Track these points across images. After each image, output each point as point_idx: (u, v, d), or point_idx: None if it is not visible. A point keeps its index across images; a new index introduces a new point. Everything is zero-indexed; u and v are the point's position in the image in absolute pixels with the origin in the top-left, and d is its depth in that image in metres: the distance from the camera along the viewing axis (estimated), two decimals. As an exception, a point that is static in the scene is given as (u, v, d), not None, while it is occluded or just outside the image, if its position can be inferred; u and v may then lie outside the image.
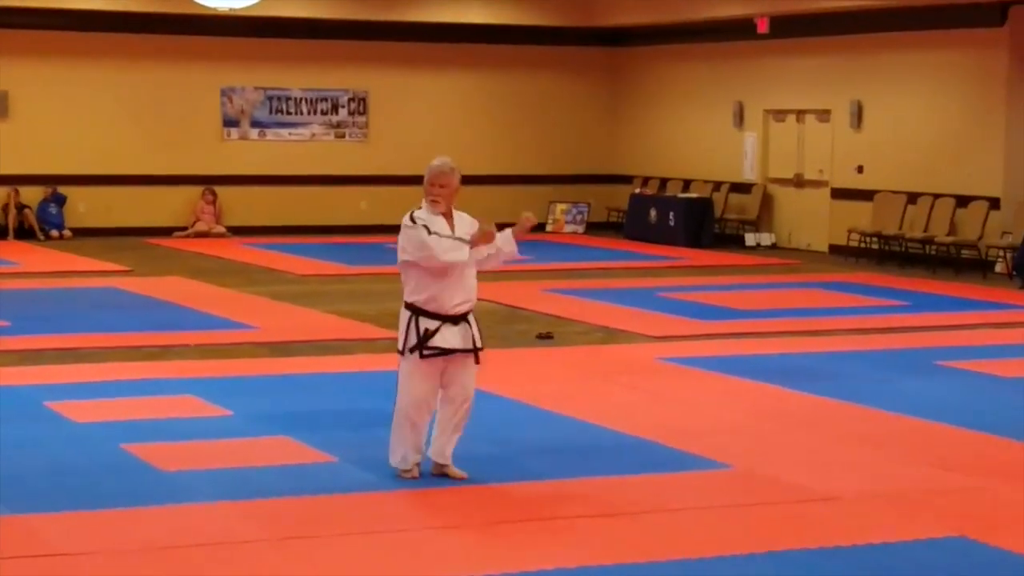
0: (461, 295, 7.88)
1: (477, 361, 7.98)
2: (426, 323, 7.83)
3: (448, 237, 7.81)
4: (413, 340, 7.84)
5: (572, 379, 11.28)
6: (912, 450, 8.97)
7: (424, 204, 7.92)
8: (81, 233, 22.81)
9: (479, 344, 7.96)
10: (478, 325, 8.01)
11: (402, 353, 7.94)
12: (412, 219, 7.86)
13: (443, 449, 8.03)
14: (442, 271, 7.82)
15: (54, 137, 22.86)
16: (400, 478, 7.95)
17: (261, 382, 11.06)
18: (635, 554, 6.82)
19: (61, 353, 12.13)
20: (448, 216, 7.91)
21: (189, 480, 7.98)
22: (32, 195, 22.75)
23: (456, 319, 7.88)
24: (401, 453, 7.98)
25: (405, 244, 7.89)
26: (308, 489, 7.78)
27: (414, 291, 7.89)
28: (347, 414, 9.77)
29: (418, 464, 8.00)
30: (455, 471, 8.02)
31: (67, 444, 8.86)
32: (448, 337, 7.84)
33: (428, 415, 7.98)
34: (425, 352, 7.82)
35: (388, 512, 7.43)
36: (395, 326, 8.20)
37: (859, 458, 8.73)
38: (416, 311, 7.86)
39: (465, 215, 8.01)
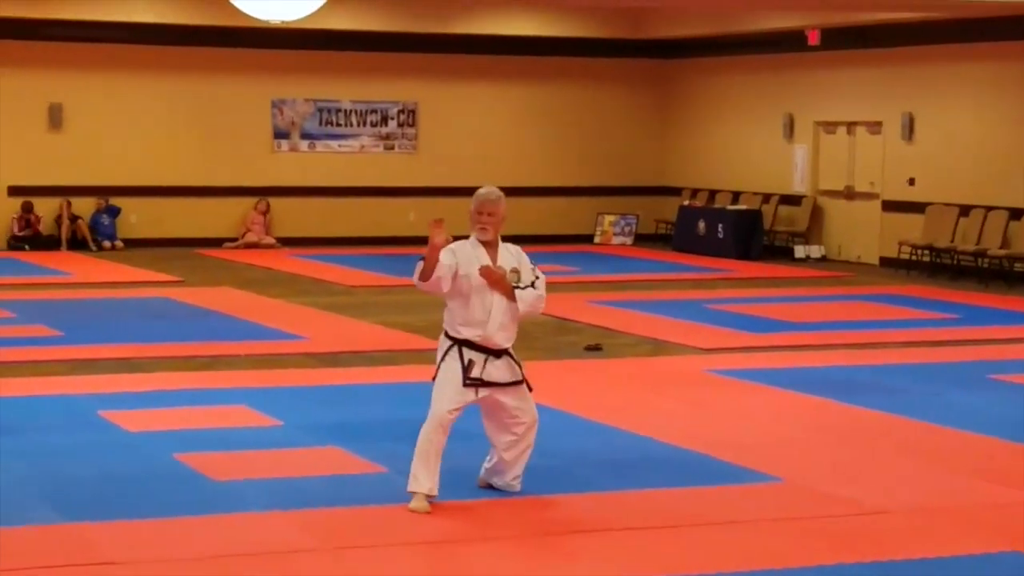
0: (500, 321, 7.76)
1: (530, 388, 7.91)
2: (469, 354, 7.76)
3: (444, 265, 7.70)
4: (457, 366, 7.74)
5: (621, 391, 11.27)
6: (964, 464, 8.92)
7: (472, 234, 7.85)
8: (133, 244, 22.98)
9: (522, 376, 7.84)
10: (517, 358, 7.88)
11: (434, 379, 7.85)
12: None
13: (514, 482, 7.96)
14: (469, 303, 7.73)
15: (107, 149, 23.05)
16: (413, 510, 7.58)
17: (311, 392, 11.10)
18: (685, 567, 6.81)
19: (114, 363, 12.22)
20: (493, 246, 7.83)
21: (240, 489, 8.02)
22: (85, 206, 22.93)
23: (498, 353, 7.83)
24: (427, 480, 7.63)
25: None
26: (359, 499, 7.80)
27: (457, 323, 7.81)
28: (396, 424, 9.78)
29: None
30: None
31: (120, 453, 8.92)
32: (491, 371, 7.77)
33: (443, 439, 7.76)
34: (468, 382, 7.73)
35: (439, 523, 7.44)
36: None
37: (911, 472, 8.68)
38: (457, 342, 7.80)
39: (512, 246, 7.91)
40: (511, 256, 7.87)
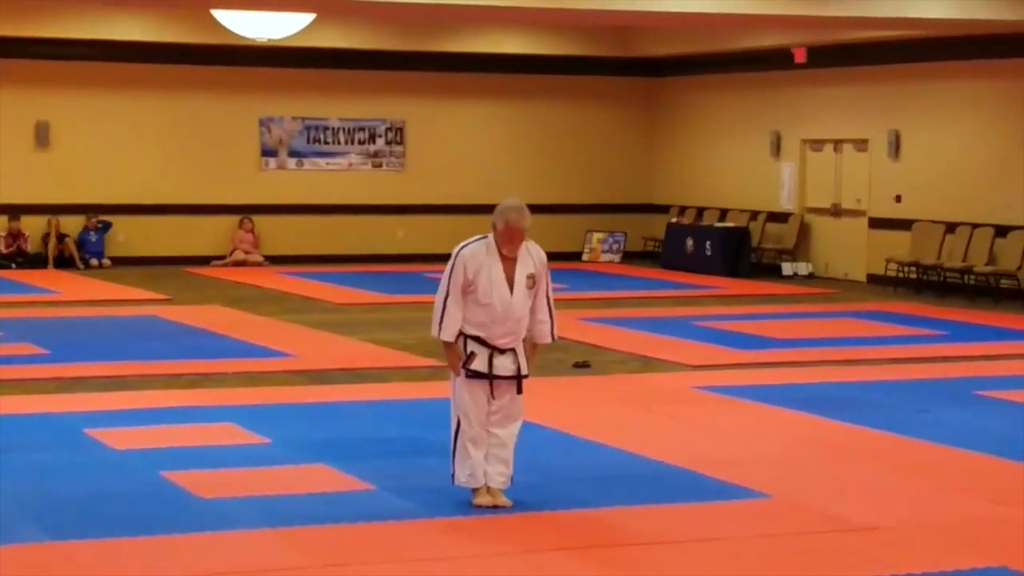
0: (506, 328, 7.87)
1: (519, 390, 7.97)
2: (472, 347, 7.87)
3: (453, 307, 7.78)
4: (462, 359, 7.88)
5: (609, 408, 11.27)
6: (951, 480, 8.93)
7: (491, 238, 7.84)
8: (120, 262, 22.96)
9: (524, 371, 7.95)
10: (526, 355, 8.00)
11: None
12: (456, 254, 7.85)
13: (490, 478, 8.03)
14: (486, 305, 7.82)
15: (94, 167, 23.04)
16: (474, 504, 7.90)
17: (299, 410, 11.09)
18: (674, 583, 6.82)
19: (101, 381, 12.20)
20: (511, 259, 7.83)
21: (228, 507, 8.01)
22: (72, 224, 22.90)
23: (503, 350, 7.89)
24: (468, 471, 7.94)
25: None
26: (347, 517, 7.79)
27: (465, 320, 7.87)
28: (385, 442, 9.79)
29: (482, 486, 7.96)
30: (501, 499, 8.02)
31: (107, 471, 8.90)
32: (496, 364, 7.86)
33: (483, 432, 7.95)
34: (468, 373, 7.87)
35: (427, 540, 7.43)
36: (432, 355, 8.27)
37: (898, 488, 8.69)
38: (466, 336, 7.90)
39: (533, 248, 7.92)
40: (531, 261, 7.90)
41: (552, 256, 8.36)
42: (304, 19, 19.88)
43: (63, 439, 9.83)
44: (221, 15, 19.31)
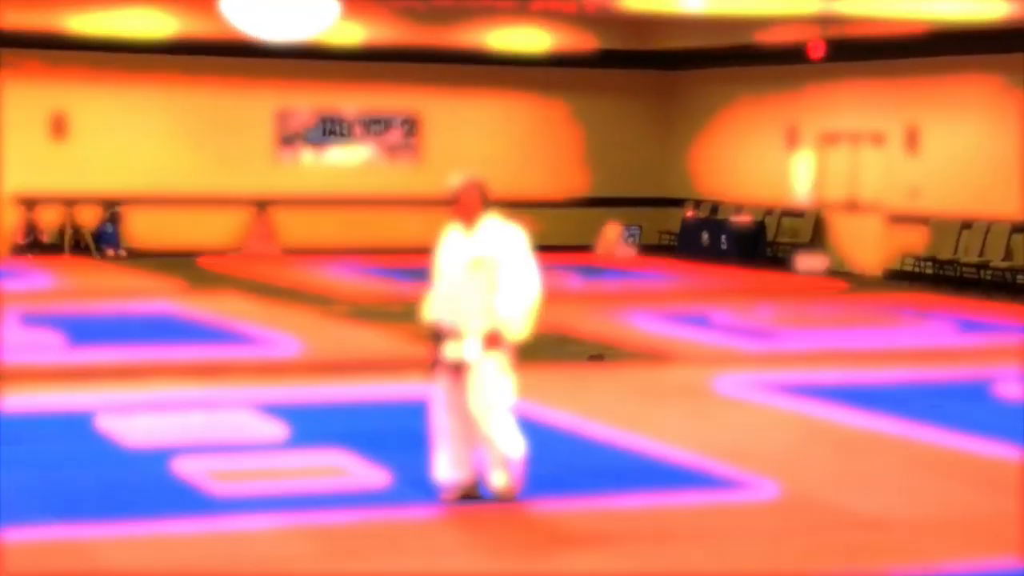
0: (446, 302, 7.92)
1: (457, 369, 7.90)
2: (438, 335, 7.99)
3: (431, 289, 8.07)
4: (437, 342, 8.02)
5: (623, 401, 11.27)
6: (965, 475, 8.93)
7: None
8: (136, 252, 23.00)
9: (465, 355, 7.82)
10: (483, 344, 7.86)
11: None
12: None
13: (486, 470, 8.04)
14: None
15: (111, 158, 23.08)
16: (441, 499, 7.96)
17: (315, 401, 11.10)
18: (686, 576, 6.82)
19: (116, 371, 12.21)
20: (469, 230, 7.96)
21: (244, 498, 8.02)
22: (88, 214, 22.94)
23: (453, 333, 7.88)
24: (435, 463, 8.00)
25: None
26: (363, 508, 7.80)
27: None
28: (401, 434, 9.80)
29: (457, 482, 7.96)
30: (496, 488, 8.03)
31: (121, 461, 8.92)
32: (444, 350, 7.91)
33: (450, 424, 7.95)
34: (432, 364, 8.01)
35: (443, 532, 7.45)
36: (448, 346, 8.26)
37: (912, 482, 8.69)
38: None
39: (501, 230, 7.96)
40: (489, 240, 7.93)
41: (567, 249, 8.37)
42: (323, 21, 19.76)
43: (76, 429, 9.85)
44: (235, 18, 19.15)
